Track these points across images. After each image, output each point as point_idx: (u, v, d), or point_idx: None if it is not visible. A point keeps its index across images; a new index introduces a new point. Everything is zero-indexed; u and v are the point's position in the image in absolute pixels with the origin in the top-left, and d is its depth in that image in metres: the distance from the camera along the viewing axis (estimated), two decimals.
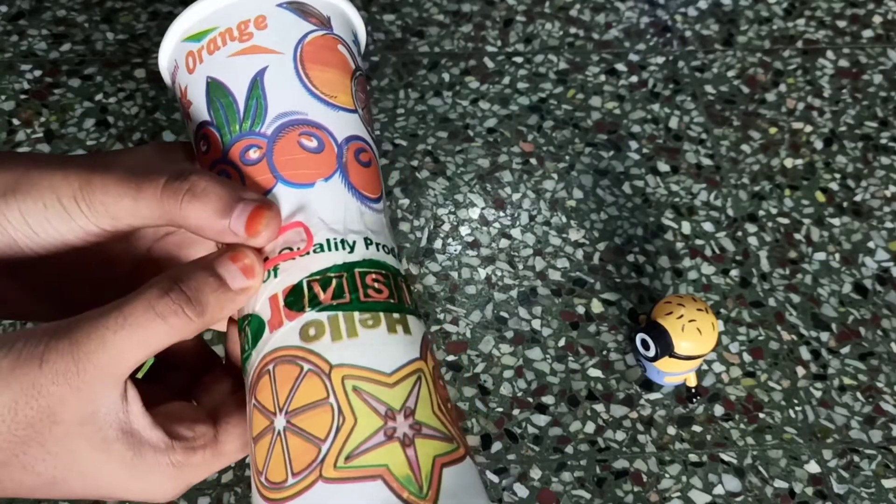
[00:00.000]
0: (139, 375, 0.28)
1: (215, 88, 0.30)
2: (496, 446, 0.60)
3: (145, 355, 0.25)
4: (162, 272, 0.26)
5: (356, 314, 0.27)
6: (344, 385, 0.26)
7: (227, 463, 0.28)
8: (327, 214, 0.29)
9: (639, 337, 0.59)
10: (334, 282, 0.28)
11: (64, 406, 0.24)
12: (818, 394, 0.63)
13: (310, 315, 0.27)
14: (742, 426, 0.62)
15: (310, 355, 0.26)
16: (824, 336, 0.66)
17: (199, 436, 0.27)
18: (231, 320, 0.30)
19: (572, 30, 0.85)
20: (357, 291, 0.28)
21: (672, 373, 0.60)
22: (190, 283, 0.25)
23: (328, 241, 0.28)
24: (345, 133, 0.30)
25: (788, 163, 0.76)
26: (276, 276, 0.28)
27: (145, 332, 0.24)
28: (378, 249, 0.29)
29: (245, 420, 0.28)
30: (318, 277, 0.28)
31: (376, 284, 0.28)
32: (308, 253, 0.28)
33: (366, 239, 0.29)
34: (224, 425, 0.28)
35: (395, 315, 0.28)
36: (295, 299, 0.27)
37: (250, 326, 0.28)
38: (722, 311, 0.67)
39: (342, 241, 0.28)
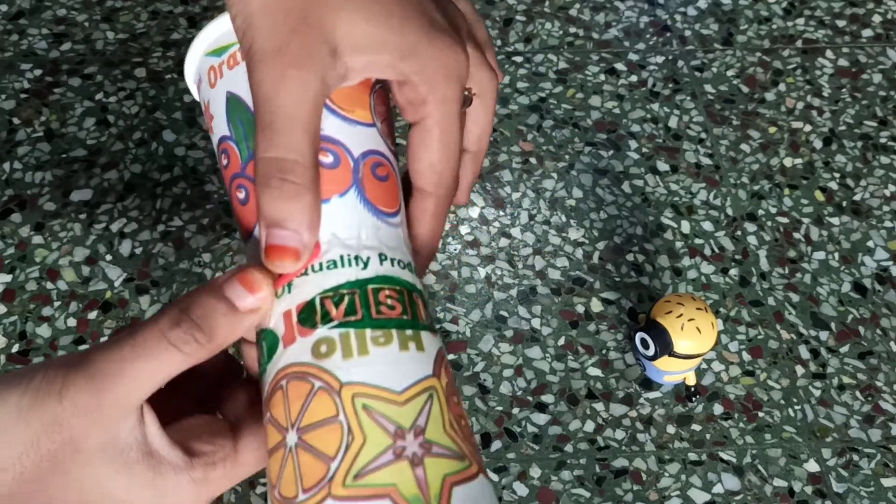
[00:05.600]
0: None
1: (234, 104, 0.30)
2: (496, 445, 0.60)
3: (161, 382, 0.26)
4: None
5: (368, 331, 0.27)
6: (354, 403, 0.26)
7: (248, 474, 0.29)
8: (342, 230, 0.28)
9: (638, 336, 0.59)
10: (346, 298, 0.28)
11: (86, 436, 0.25)
12: (817, 393, 0.64)
13: (322, 332, 0.27)
14: (741, 425, 0.62)
15: (321, 372, 0.26)
16: (823, 335, 0.66)
17: (219, 449, 0.28)
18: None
19: (572, 29, 0.85)
20: (369, 308, 0.28)
21: (671, 372, 0.60)
22: (198, 310, 0.26)
23: (342, 257, 0.28)
24: (361, 148, 0.30)
25: (788, 162, 0.76)
26: (289, 291, 0.28)
27: (159, 361, 0.25)
28: (393, 265, 0.29)
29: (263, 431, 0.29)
30: (330, 294, 0.28)
31: (389, 301, 0.28)
32: (321, 269, 0.28)
33: (380, 255, 0.29)
34: (244, 436, 0.28)
35: (408, 332, 0.28)
36: (307, 316, 0.27)
37: (266, 341, 0.28)
38: (721, 310, 0.67)
39: (356, 258, 0.28)
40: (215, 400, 0.31)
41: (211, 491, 0.28)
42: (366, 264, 0.28)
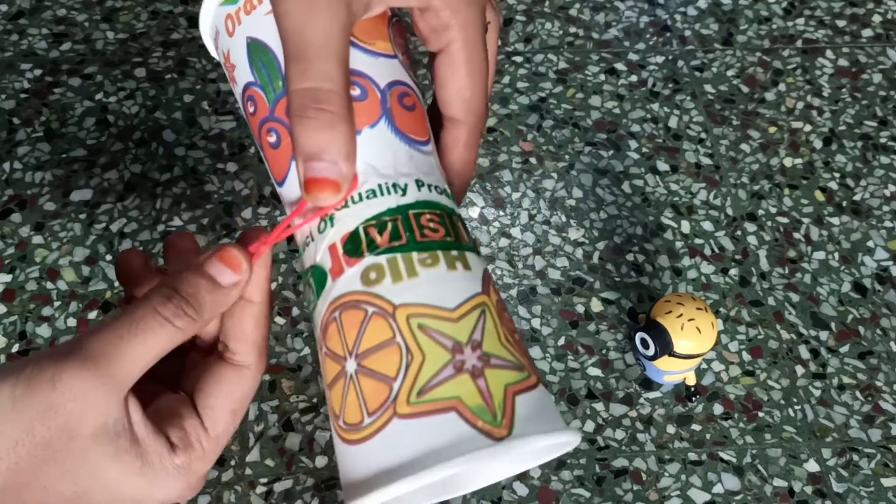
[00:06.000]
0: None
1: (256, 48, 0.30)
2: None
3: (155, 358, 0.26)
4: None
5: (414, 255, 0.28)
6: (409, 324, 0.26)
7: (224, 444, 0.29)
8: (377, 160, 0.29)
9: (638, 336, 0.59)
10: (390, 225, 0.28)
11: (80, 422, 0.25)
12: (817, 393, 0.64)
13: (369, 259, 0.28)
14: (741, 425, 0.62)
15: (373, 298, 0.27)
16: (823, 335, 0.66)
17: (191, 430, 0.28)
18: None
19: (572, 29, 0.85)
20: (413, 232, 0.28)
21: (671, 372, 0.60)
22: (186, 287, 0.27)
23: (380, 185, 0.28)
24: (386, 79, 0.30)
25: (788, 162, 0.76)
26: (332, 224, 0.28)
27: (156, 336, 0.26)
28: (430, 190, 0.29)
29: (225, 394, 0.29)
30: (373, 222, 0.28)
31: (431, 224, 0.28)
32: (362, 199, 0.28)
33: (417, 181, 0.29)
34: (206, 410, 0.29)
35: (453, 252, 0.28)
36: (353, 246, 0.28)
37: (314, 278, 0.29)
38: (721, 310, 0.67)
39: (394, 185, 0.29)
40: (172, 375, 0.31)
41: (196, 471, 0.28)
42: (404, 191, 0.29)
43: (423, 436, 0.25)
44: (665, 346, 0.57)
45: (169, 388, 0.30)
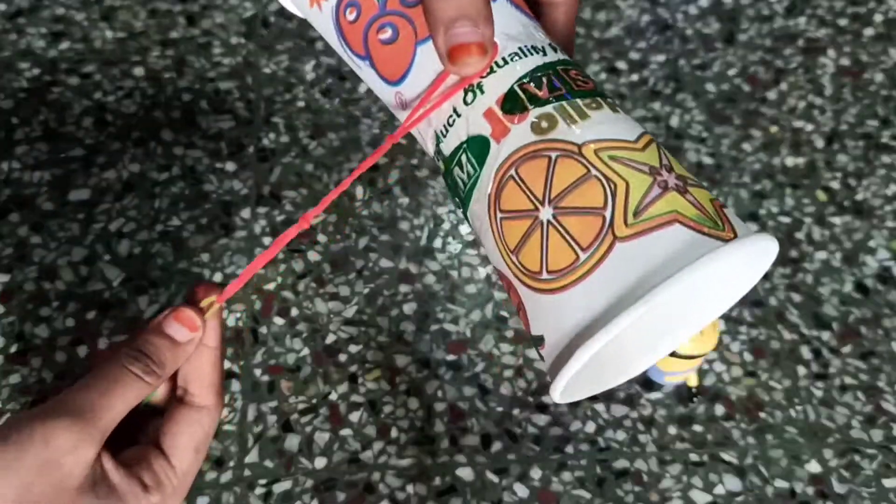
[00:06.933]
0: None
1: None
2: (496, 446, 0.60)
3: (127, 410, 0.30)
4: None
5: (579, 100, 0.28)
6: (600, 157, 0.27)
7: (191, 481, 0.32)
8: (509, 29, 0.29)
9: None
10: (545, 80, 0.28)
11: (71, 475, 0.27)
12: (819, 393, 0.63)
13: (536, 111, 0.28)
14: (743, 426, 0.61)
15: (553, 143, 0.27)
16: (825, 335, 0.66)
17: (160, 470, 0.31)
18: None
19: None
20: (569, 83, 0.29)
21: (673, 372, 0.60)
22: (150, 347, 0.30)
23: (521, 48, 0.29)
24: None
25: (789, 161, 0.76)
26: (482, 92, 0.29)
27: (130, 391, 0.29)
28: (561, 54, 0.30)
29: (188, 434, 0.31)
30: (527, 80, 0.28)
31: (580, 78, 0.29)
32: (507, 63, 0.29)
33: (550, 45, 0.30)
34: (171, 449, 0.31)
35: (609, 100, 0.29)
36: (513, 104, 0.28)
37: (470, 152, 0.29)
38: None
39: (533, 48, 0.29)
40: (132, 429, 0.33)
41: None
42: (544, 52, 0.29)
43: (655, 249, 0.25)
44: None
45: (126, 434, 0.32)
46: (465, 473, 0.59)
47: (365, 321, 0.65)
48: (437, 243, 0.69)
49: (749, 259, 0.29)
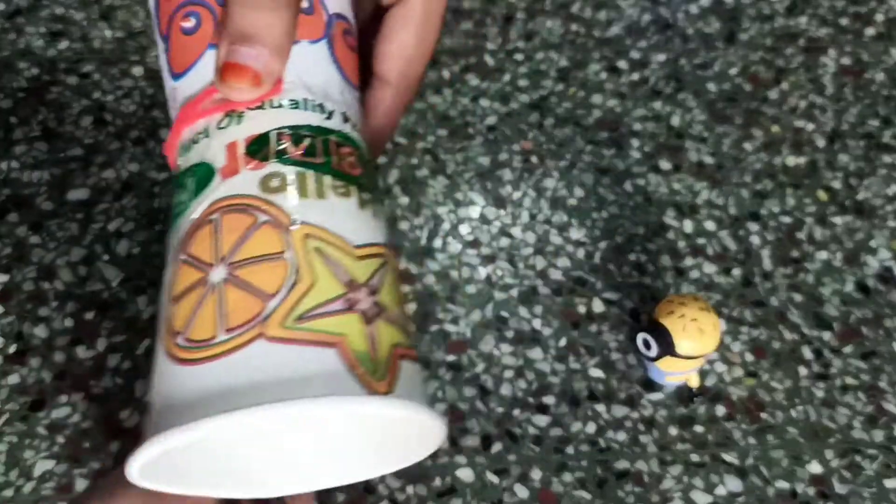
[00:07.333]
0: None
1: None
2: (496, 447, 0.60)
3: None
4: None
5: (328, 178, 0.25)
6: (306, 243, 0.24)
7: None
8: (309, 76, 0.26)
9: (640, 336, 0.59)
10: (308, 140, 0.25)
11: None
12: (820, 393, 0.63)
13: (275, 166, 0.25)
14: (744, 426, 0.61)
15: (269, 206, 0.24)
16: (826, 335, 0.66)
17: None
18: None
19: (573, 27, 0.84)
20: (331, 157, 0.25)
21: (673, 372, 0.60)
22: None
23: (305, 100, 0.26)
24: (335, 8, 0.28)
25: (790, 161, 0.76)
26: (239, 122, 0.26)
27: None
28: (353, 129, 0.27)
29: None
30: (288, 132, 0.25)
31: (351, 159, 0.26)
32: (281, 107, 0.26)
33: (343, 114, 0.27)
34: None
35: (366, 195, 0.26)
36: (259, 148, 0.25)
37: (195, 176, 0.26)
38: (724, 310, 0.67)
39: (320, 105, 0.26)
40: None
41: None
42: (330, 115, 0.26)
43: (293, 363, 0.22)
44: (667, 347, 0.57)
45: None
46: (466, 474, 0.59)
47: None
48: (437, 243, 0.69)
49: (405, 428, 0.26)
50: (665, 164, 0.75)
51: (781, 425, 0.62)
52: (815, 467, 0.60)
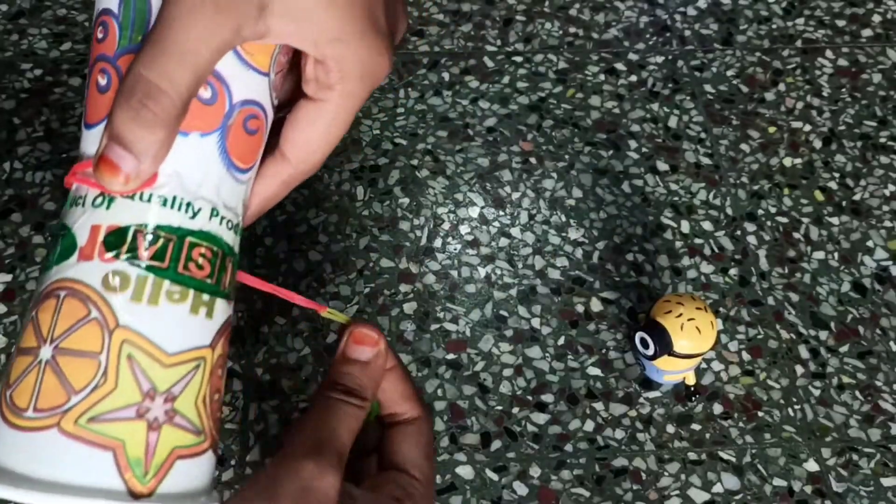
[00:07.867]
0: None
1: None
2: (496, 444, 0.60)
3: (352, 434, 0.32)
4: None
5: (167, 283, 0.26)
6: (121, 349, 0.25)
7: (434, 481, 0.35)
8: (186, 172, 0.27)
9: (638, 335, 0.59)
10: (161, 242, 0.27)
11: (327, 498, 0.30)
12: (817, 392, 0.64)
13: (121, 265, 0.26)
14: (741, 424, 0.62)
15: (103, 304, 0.26)
16: (823, 335, 0.66)
17: (404, 483, 0.33)
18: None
19: (572, 29, 0.85)
20: (178, 262, 0.27)
21: (671, 371, 0.60)
22: (344, 377, 0.33)
23: (175, 197, 0.27)
24: (244, 95, 0.28)
25: (787, 162, 0.76)
26: (108, 207, 0.27)
27: (344, 418, 0.32)
28: (221, 223, 0.28)
29: (416, 446, 0.34)
30: (145, 232, 0.26)
31: (201, 260, 0.27)
32: (149, 201, 0.27)
33: (213, 209, 0.28)
34: (407, 464, 0.34)
35: (205, 297, 0.27)
36: (115, 241, 0.26)
37: (64, 240, 0.27)
38: (721, 309, 0.67)
39: (188, 204, 0.27)
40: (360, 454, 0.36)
41: None
42: (195, 214, 0.27)
43: (71, 460, 0.25)
44: (665, 346, 0.57)
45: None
46: (465, 471, 0.59)
47: (366, 320, 0.65)
48: (437, 243, 0.70)
49: None
50: (663, 165, 0.76)
51: (778, 424, 0.62)
52: (811, 465, 0.60)
